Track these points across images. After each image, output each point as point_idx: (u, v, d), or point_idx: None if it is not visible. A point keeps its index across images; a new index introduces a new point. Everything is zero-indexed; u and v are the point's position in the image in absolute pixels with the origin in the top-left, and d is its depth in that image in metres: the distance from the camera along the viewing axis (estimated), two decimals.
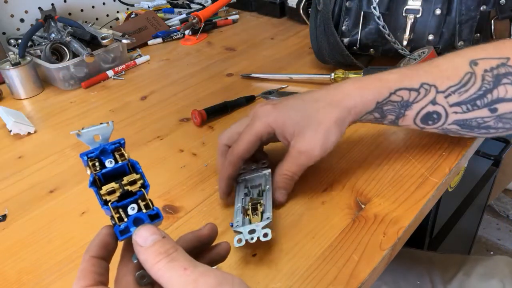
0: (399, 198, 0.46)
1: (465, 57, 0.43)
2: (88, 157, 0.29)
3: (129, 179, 0.29)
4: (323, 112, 0.43)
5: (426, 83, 0.43)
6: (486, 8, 0.64)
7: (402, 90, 0.43)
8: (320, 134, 0.42)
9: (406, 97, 0.43)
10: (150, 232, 0.27)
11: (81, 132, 0.30)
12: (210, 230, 0.35)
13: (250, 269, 0.40)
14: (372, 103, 0.43)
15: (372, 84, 0.43)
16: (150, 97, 0.75)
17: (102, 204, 0.29)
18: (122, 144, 0.30)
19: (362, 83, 0.44)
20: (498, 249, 1.52)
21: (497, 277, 0.67)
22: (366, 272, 0.38)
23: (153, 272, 0.26)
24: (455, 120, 0.44)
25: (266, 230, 0.39)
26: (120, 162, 0.29)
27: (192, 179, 0.53)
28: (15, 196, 0.54)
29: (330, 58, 0.73)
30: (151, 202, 0.29)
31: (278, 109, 0.44)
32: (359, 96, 0.43)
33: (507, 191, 1.68)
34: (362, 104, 0.43)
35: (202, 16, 0.97)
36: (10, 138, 0.66)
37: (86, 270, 0.28)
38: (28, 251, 0.45)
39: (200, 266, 0.26)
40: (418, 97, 0.43)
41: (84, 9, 1.01)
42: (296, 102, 0.45)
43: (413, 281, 0.69)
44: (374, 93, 0.43)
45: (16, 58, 0.75)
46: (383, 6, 0.67)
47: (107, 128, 0.31)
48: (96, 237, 0.30)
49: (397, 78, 0.43)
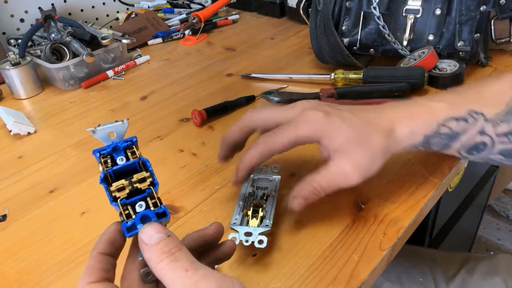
0: (399, 198, 0.46)
1: (507, 82, 0.42)
2: (100, 154, 0.30)
3: (138, 177, 0.30)
4: (375, 137, 0.40)
5: (474, 111, 0.41)
6: (486, 8, 0.64)
7: (450, 121, 0.41)
8: (367, 158, 0.39)
9: (454, 128, 0.41)
10: (155, 230, 0.27)
11: (96, 129, 0.30)
12: (216, 229, 0.35)
13: (250, 269, 0.40)
14: (420, 136, 0.41)
15: (421, 115, 0.41)
16: (150, 97, 0.75)
17: (111, 200, 0.29)
18: (135, 142, 0.31)
19: (411, 112, 0.42)
20: (498, 249, 1.52)
21: (500, 275, 0.67)
22: (366, 272, 0.38)
23: (156, 270, 0.26)
24: (501, 150, 0.42)
25: (262, 237, 0.39)
26: (131, 159, 0.30)
27: (192, 179, 0.53)
28: (15, 196, 0.54)
29: (330, 58, 0.73)
30: (159, 200, 0.30)
31: (331, 120, 0.40)
32: (409, 128, 0.41)
33: (507, 191, 1.68)
34: (410, 137, 0.41)
35: (202, 16, 0.97)
36: (10, 138, 0.66)
37: (92, 266, 0.28)
38: (28, 251, 0.45)
39: (201, 268, 0.26)
40: (466, 127, 0.41)
41: (84, 9, 1.01)
42: (349, 117, 0.41)
43: (416, 278, 0.69)
44: (423, 125, 0.41)
45: (16, 58, 0.75)
46: (383, 6, 0.67)
47: (121, 126, 0.31)
48: (104, 234, 0.30)
49: (445, 107, 0.41)
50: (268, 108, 0.45)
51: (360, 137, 0.39)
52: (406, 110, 0.42)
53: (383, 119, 0.41)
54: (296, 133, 0.40)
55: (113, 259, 0.30)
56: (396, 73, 0.65)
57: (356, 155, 0.39)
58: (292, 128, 0.41)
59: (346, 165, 0.39)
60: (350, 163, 0.39)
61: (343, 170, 0.39)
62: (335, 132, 0.40)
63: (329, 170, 0.40)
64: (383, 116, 0.41)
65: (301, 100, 0.45)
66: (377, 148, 0.40)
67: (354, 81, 0.69)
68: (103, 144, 0.30)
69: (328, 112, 0.41)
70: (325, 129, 0.40)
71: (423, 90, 0.65)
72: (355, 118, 0.41)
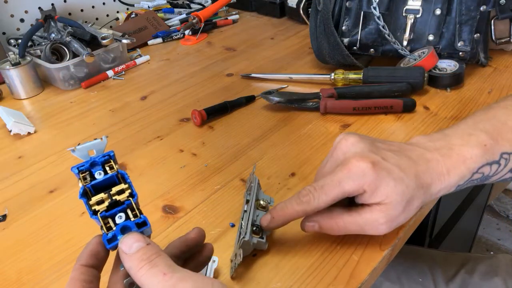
0: None
1: None
2: (79, 170, 0.30)
3: (117, 189, 0.30)
4: (416, 200, 0.38)
5: (506, 152, 0.41)
6: (486, 8, 0.64)
7: (484, 167, 0.40)
8: (403, 218, 0.38)
9: (487, 173, 0.41)
10: (134, 239, 0.28)
11: (76, 148, 0.31)
12: (197, 234, 0.35)
13: (250, 269, 0.40)
14: (453, 187, 0.41)
15: (457, 169, 0.40)
16: (150, 97, 0.75)
17: (91, 214, 0.29)
18: (112, 156, 0.31)
19: (448, 166, 0.40)
20: (498, 249, 1.52)
21: (500, 275, 0.67)
22: (366, 272, 0.38)
23: (136, 278, 0.27)
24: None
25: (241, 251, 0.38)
26: (109, 173, 0.30)
27: (192, 179, 0.53)
28: (15, 196, 0.54)
29: (330, 58, 0.73)
30: (139, 211, 0.30)
31: (377, 174, 0.37)
32: (445, 185, 0.40)
33: (507, 191, 1.68)
34: (445, 189, 0.40)
35: (202, 16, 0.97)
36: (10, 138, 0.66)
37: (75, 278, 0.29)
38: (28, 251, 0.45)
39: (179, 271, 0.26)
40: (498, 169, 0.41)
41: (84, 9, 1.01)
42: (397, 171, 0.38)
43: (415, 278, 0.69)
44: (458, 179, 0.40)
45: (16, 58, 0.75)
46: (383, 6, 0.67)
47: (100, 143, 0.32)
48: (87, 246, 0.31)
49: (480, 154, 0.40)
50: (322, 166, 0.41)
51: (404, 200, 0.37)
52: (443, 162, 0.40)
53: (427, 176, 0.39)
54: (341, 190, 0.37)
55: (96, 271, 0.30)
56: (396, 73, 0.65)
57: (395, 213, 0.37)
58: (336, 185, 0.37)
59: (381, 218, 0.37)
60: (386, 218, 0.37)
61: (376, 222, 0.37)
62: (381, 188, 0.37)
63: (362, 216, 0.38)
64: (428, 170, 0.39)
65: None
66: (416, 208, 0.39)
67: (354, 81, 0.69)
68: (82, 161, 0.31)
69: (374, 163, 0.37)
70: (371, 184, 0.37)
71: (423, 90, 0.65)
72: (402, 175, 0.38)
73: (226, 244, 0.43)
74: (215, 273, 0.40)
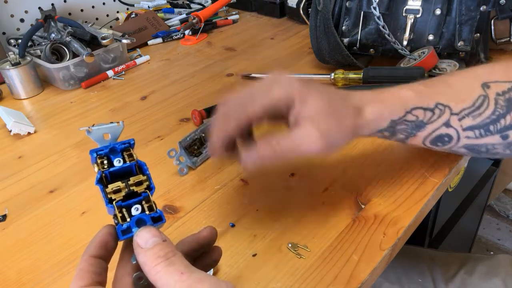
0: (399, 198, 0.46)
1: (477, 78, 0.42)
2: (97, 154, 0.30)
3: (135, 180, 0.29)
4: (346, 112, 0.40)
5: (441, 103, 0.41)
6: (486, 8, 0.64)
7: (417, 110, 0.41)
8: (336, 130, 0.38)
9: (421, 117, 0.42)
10: (151, 234, 0.27)
11: (91, 129, 0.30)
12: (209, 232, 0.35)
13: (250, 269, 0.40)
14: (387, 121, 0.41)
15: (390, 101, 0.42)
16: (150, 97, 0.75)
17: (106, 202, 0.29)
18: (132, 144, 0.31)
19: (380, 97, 0.42)
20: (498, 249, 1.52)
21: (499, 275, 0.67)
22: (366, 272, 0.38)
23: (150, 275, 0.26)
24: (465, 145, 0.42)
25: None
26: (128, 162, 0.30)
27: (192, 179, 0.53)
28: (15, 196, 0.54)
29: (330, 58, 0.73)
30: (155, 205, 0.29)
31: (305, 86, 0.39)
32: (377, 111, 0.41)
33: (507, 191, 1.68)
34: (377, 120, 0.41)
35: (202, 16, 0.97)
36: (10, 138, 0.66)
37: (84, 269, 0.28)
38: (28, 251, 0.45)
39: (196, 272, 0.26)
40: (433, 118, 0.42)
41: (84, 9, 1.01)
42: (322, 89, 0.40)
43: (415, 279, 0.69)
44: (391, 110, 0.41)
45: (16, 58, 0.75)
46: (383, 6, 0.67)
47: (117, 127, 0.31)
48: (96, 236, 0.30)
49: (413, 96, 0.42)
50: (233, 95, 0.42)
51: (333, 109, 0.39)
52: (376, 95, 0.43)
53: (353, 98, 0.41)
54: (269, 97, 0.38)
55: (104, 262, 0.29)
56: (396, 73, 0.65)
57: (327, 125, 0.38)
58: (264, 94, 0.38)
59: (314, 131, 0.37)
60: (319, 131, 0.37)
61: (310, 135, 0.37)
62: (309, 97, 0.38)
63: (295, 133, 0.38)
64: (354, 96, 0.42)
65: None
66: (348, 124, 0.39)
67: (354, 81, 0.69)
68: (97, 145, 0.30)
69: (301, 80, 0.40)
70: (299, 92, 0.38)
71: None
72: (328, 91, 0.40)
73: (226, 244, 0.43)
74: (215, 274, 0.40)
